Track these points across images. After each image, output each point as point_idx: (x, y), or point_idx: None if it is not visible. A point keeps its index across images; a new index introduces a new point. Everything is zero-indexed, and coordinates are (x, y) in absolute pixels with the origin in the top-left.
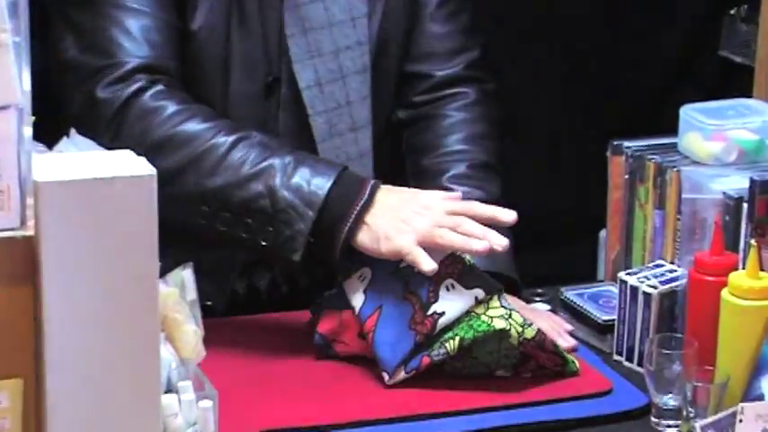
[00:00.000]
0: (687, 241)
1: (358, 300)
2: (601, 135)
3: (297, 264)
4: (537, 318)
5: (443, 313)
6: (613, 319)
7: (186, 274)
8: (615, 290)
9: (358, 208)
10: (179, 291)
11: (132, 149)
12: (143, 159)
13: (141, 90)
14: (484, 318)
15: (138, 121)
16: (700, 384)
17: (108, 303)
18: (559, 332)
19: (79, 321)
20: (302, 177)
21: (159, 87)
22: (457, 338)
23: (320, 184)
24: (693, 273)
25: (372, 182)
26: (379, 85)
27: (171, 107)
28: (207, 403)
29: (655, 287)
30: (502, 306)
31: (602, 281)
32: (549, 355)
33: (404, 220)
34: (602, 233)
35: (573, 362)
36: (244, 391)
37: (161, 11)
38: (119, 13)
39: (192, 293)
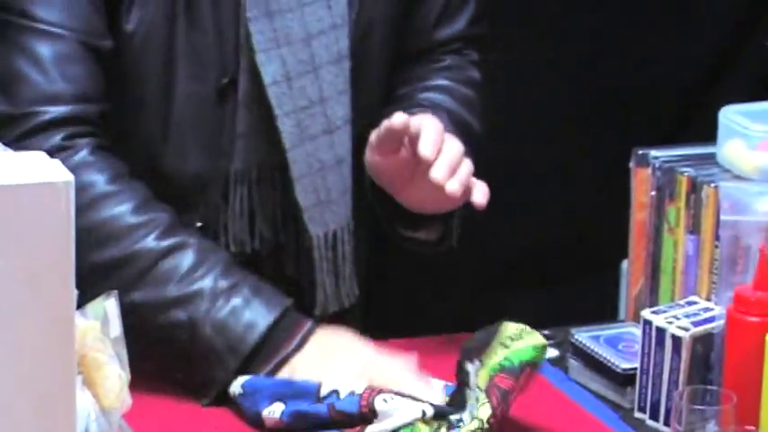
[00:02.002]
0: (726, 273)
1: None
2: (622, 146)
3: None
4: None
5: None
6: (635, 368)
7: (109, 305)
8: (638, 332)
9: (282, 355)
10: (100, 325)
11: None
12: (58, 163)
13: (59, 153)
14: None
15: None
16: None
17: (13, 339)
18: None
19: None
20: (233, 312)
21: (82, 152)
22: None
23: (252, 324)
24: (733, 312)
25: (307, 326)
26: (360, 76)
27: (98, 185)
28: None
29: (686, 329)
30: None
31: (622, 321)
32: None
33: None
34: (624, 264)
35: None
36: None
37: (81, 25)
38: (27, 37)
39: (116, 329)
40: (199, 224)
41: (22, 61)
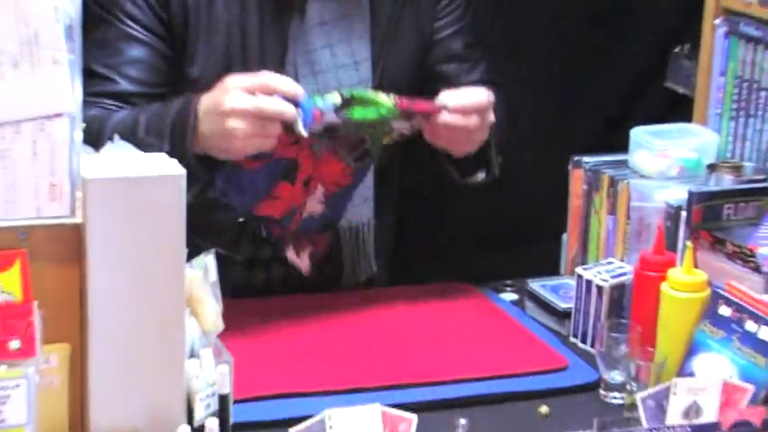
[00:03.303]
0: (634, 242)
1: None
2: (564, 152)
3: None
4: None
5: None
6: (571, 307)
7: (209, 260)
8: (573, 283)
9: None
10: (203, 273)
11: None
12: (175, 161)
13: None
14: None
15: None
16: (642, 363)
17: (142, 282)
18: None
19: (118, 297)
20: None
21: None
22: (336, 93)
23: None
24: (638, 269)
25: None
26: None
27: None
28: (224, 368)
29: (606, 281)
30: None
31: (562, 275)
32: (424, 103)
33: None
34: (564, 236)
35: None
36: (255, 360)
37: (152, 78)
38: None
39: (213, 276)
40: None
41: (99, 85)
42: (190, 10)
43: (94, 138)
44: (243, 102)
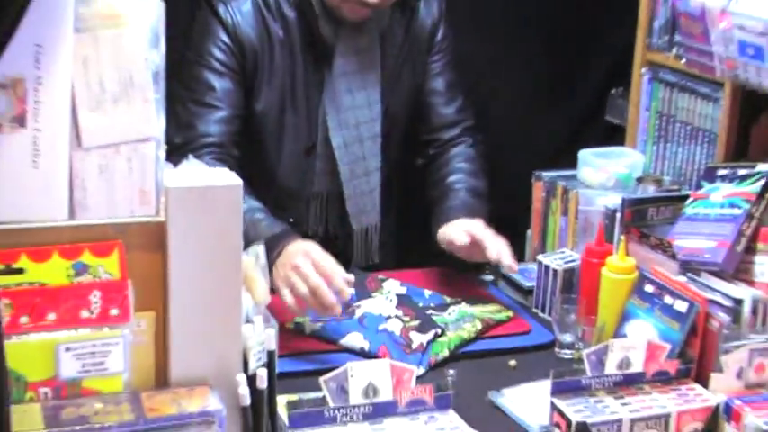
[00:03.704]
0: (581, 237)
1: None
2: (529, 166)
3: None
4: (494, 239)
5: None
6: (533, 285)
7: (260, 249)
8: (535, 267)
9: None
10: (255, 259)
11: None
12: (234, 174)
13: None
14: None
15: None
16: (586, 328)
17: (209, 265)
18: (507, 254)
19: (190, 277)
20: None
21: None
22: (446, 348)
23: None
24: (584, 257)
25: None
26: (388, 144)
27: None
28: (271, 331)
29: (560, 265)
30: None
31: (527, 261)
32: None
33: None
34: (528, 232)
35: (508, 315)
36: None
37: (230, 109)
38: (203, 110)
39: (262, 261)
40: (291, 220)
41: (193, 115)
42: (258, 58)
43: None
44: (302, 279)
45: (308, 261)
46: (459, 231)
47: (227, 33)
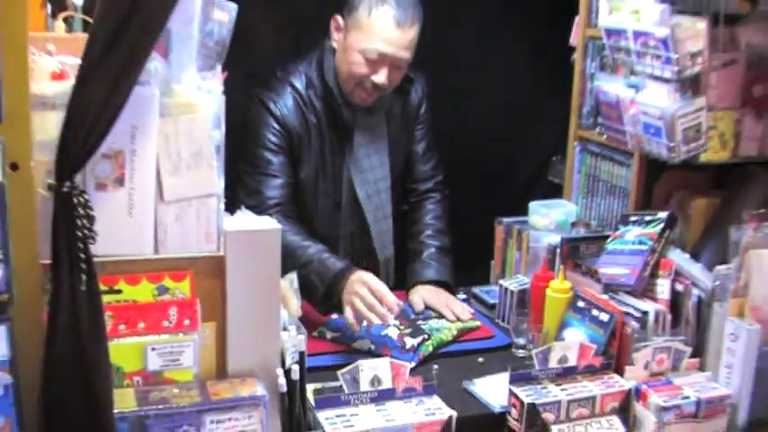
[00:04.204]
0: (531, 266)
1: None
2: (491, 214)
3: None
4: (455, 303)
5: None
6: (496, 302)
7: (293, 276)
8: (497, 289)
9: (344, 281)
10: (290, 283)
11: None
12: (274, 220)
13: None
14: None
15: None
16: (535, 333)
17: (255, 288)
18: (467, 309)
19: (242, 296)
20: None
21: (282, 222)
22: (431, 347)
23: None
24: (534, 281)
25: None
26: (393, 194)
27: (289, 233)
28: (302, 337)
29: (515, 287)
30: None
31: (491, 284)
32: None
33: (349, 291)
34: (492, 262)
35: (477, 324)
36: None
37: (285, 176)
38: (266, 178)
39: (295, 285)
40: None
41: (259, 183)
42: (300, 139)
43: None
44: (361, 297)
45: (365, 287)
46: (419, 299)
47: (277, 122)
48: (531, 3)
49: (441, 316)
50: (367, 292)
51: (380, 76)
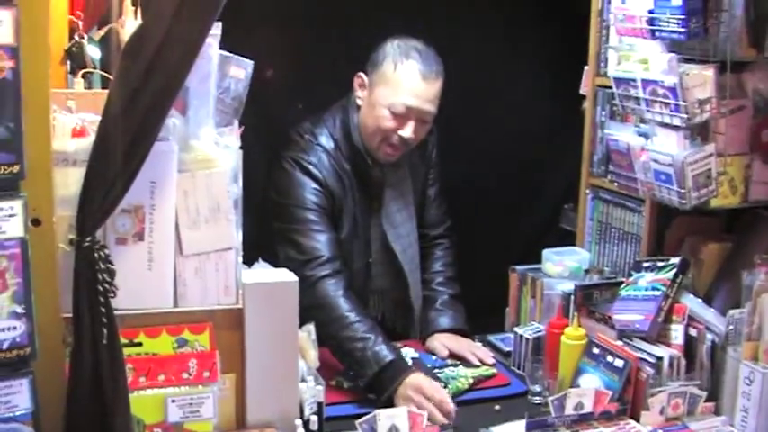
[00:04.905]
0: (545, 314)
1: None
2: (506, 262)
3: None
4: (476, 348)
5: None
6: (511, 350)
7: (311, 327)
8: (512, 336)
9: (397, 382)
10: (307, 335)
11: (311, 305)
12: (291, 273)
13: (327, 278)
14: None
15: (319, 296)
16: (551, 380)
17: (274, 339)
18: (488, 353)
19: (261, 348)
20: (380, 351)
21: (335, 278)
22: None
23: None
24: (548, 328)
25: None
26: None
27: (338, 298)
28: (320, 387)
29: (530, 335)
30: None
31: (506, 332)
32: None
33: (405, 398)
34: (507, 309)
35: (493, 372)
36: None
37: (330, 232)
38: (314, 234)
39: (313, 335)
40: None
41: (308, 240)
42: (338, 200)
43: (318, 312)
44: (417, 405)
45: (421, 396)
46: (441, 346)
47: (319, 184)
48: (542, 51)
49: (456, 364)
50: (424, 401)
51: (407, 131)
